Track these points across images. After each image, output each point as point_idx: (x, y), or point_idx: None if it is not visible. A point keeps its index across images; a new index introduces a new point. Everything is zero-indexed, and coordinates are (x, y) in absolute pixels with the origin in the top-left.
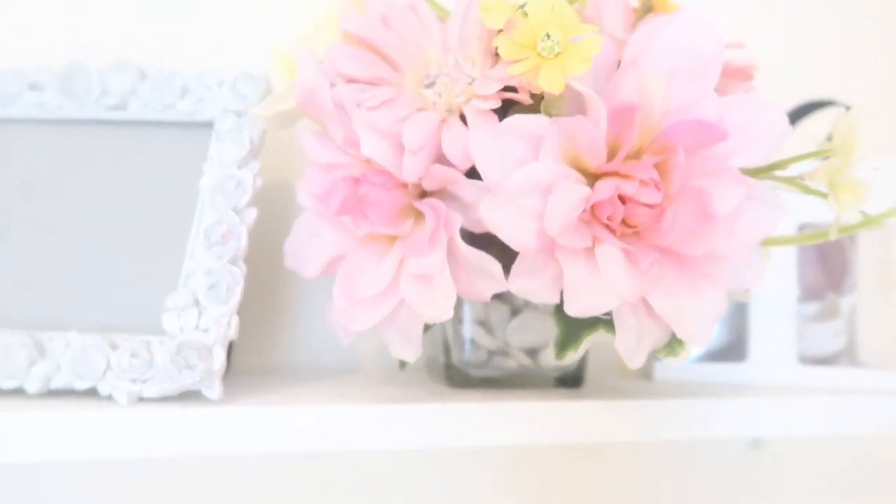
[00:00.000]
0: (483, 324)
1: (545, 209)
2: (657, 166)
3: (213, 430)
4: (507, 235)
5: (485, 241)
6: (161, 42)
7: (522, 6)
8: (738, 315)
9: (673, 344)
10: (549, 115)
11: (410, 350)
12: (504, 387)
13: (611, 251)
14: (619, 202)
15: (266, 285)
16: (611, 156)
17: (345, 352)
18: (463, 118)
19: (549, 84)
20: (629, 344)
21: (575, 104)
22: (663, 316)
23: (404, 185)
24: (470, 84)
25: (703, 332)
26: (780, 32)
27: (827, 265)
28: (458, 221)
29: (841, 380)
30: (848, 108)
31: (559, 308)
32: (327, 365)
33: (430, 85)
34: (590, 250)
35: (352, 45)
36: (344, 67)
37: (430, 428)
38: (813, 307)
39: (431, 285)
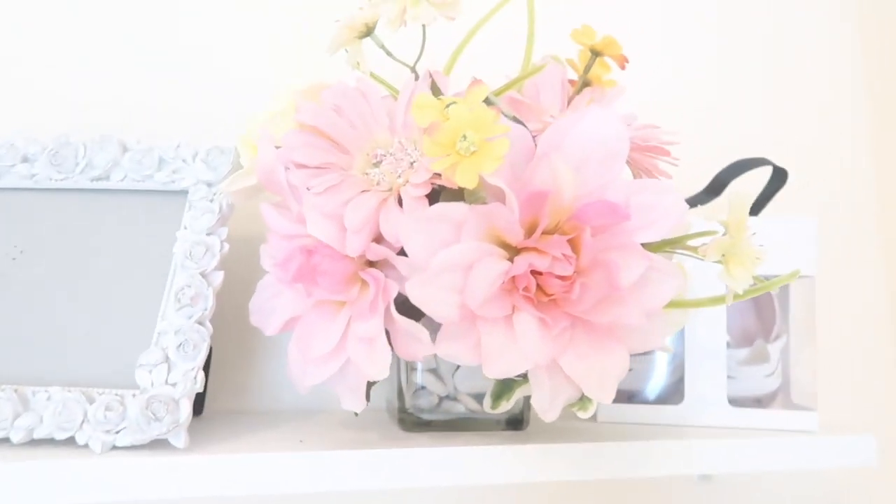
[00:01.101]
0: (433, 371)
1: (466, 284)
2: (571, 242)
3: (180, 476)
4: (432, 310)
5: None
6: (142, 116)
7: (448, 105)
8: (679, 361)
9: (584, 400)
10: (473, 201)
11: (357, 402)
12: (454, 429)
13: (526, 319)
14: (532, 275)
15: (238, 334)
16: (530, 232)
17: (310, 395)
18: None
19: (464, 180)
20: (543, 401)
21: (494, 190)
22: (573, 377)
23: (351, 257)
24: (412, 165)
25: (608, 389)
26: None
27: (759, 313)
28: (395, 290)
29: (767, 420)
30: (778, 168)
31: None
32: (294, 407)
33: (378, 164)
34: (508, 318)
35: (306, 132)
36: (295, 155)
37: (380, 471)
38: (744, 352)
39: (373, 346)
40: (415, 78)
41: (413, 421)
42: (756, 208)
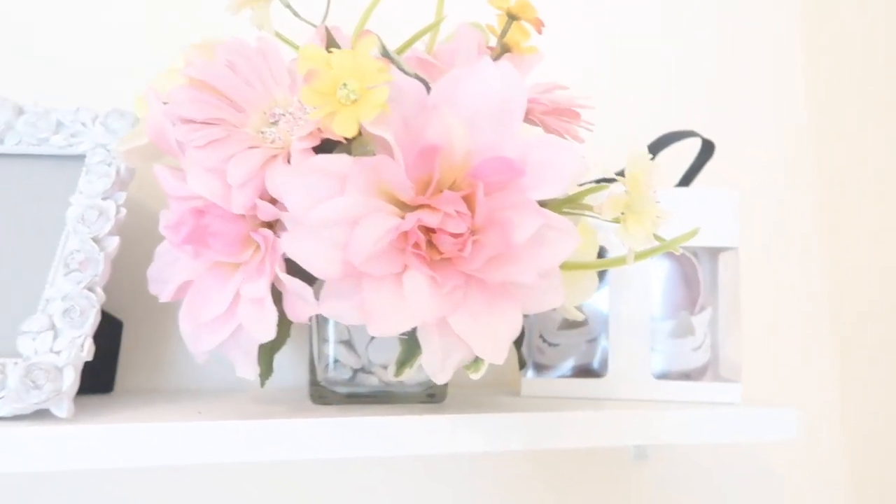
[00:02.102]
0: (346, 343)
1: (350, 240)
2: (468, 200)
3: (61, 447)
4: (311, 265)
5: None
6: (39, 80)
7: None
8: (605, 333)
9: (477, 360)
10: (359, 154)
11: (250, 368)
12: (369, 403)
13: (416, 276)
14: (421, 232)
15: (155, 311)
16: (426, 189)
17: (232, 372)
18: None
19: (343, 129)
20: (434, 362)
21: (384, 144)
22: (462, 336)
23: (244, 217)
24: None
25: (500, 349)
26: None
27: (685, 285)
28: (282, 249)
29: (691, 393)
30: (706, 140)
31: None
32: (215, 385)
33: (275, 123)
34: (398, 276)
35: (196, 87)
36: (181, 109)
37: (275, 442)
38: (669, 324)
39: (261, 308)
40: None
41: (325, 394)
42: (686, 180)
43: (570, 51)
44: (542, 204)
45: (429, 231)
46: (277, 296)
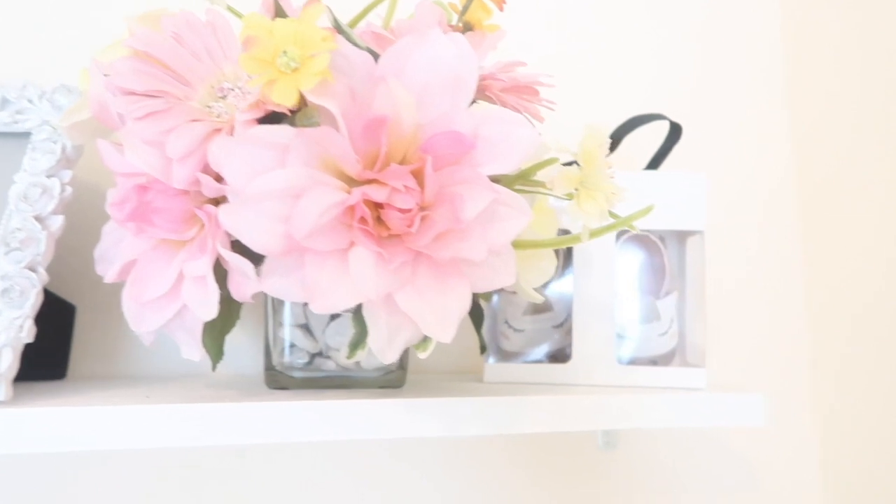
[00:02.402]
0: (303, 327)
1: (293, 214)
2: (418, 175)
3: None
4: (249, 239)
5: None
6: None
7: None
8: (571, 318)
9: (425, 339)
10: (304, 125)
11: (196, 350)
12: (326, 387)
13: (361, 252)
14: (369, 207)
15: (108, 296)
16: (374, 164)
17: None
18: None
19: (281, 97)
20: (380, 339)
21: (329, 116)
22: (408, 313)
23: (187, 193)
24: None
25: (447, 328)
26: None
27: (650, 269)
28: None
29: (655, 378)
30: (674, 123)
31: (358, 310)
32: (173, 371)
33: (224, 97)
34: (343, 251)
35: (139, 59)
36: (122, 81)
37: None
38: (634, 309)
39: (203, 286)
40: None
41: (281, 379)
42: (654, 164)
43: (539, 33)
44: (495, 180)
45: (378, 206)
46: (224, 275)
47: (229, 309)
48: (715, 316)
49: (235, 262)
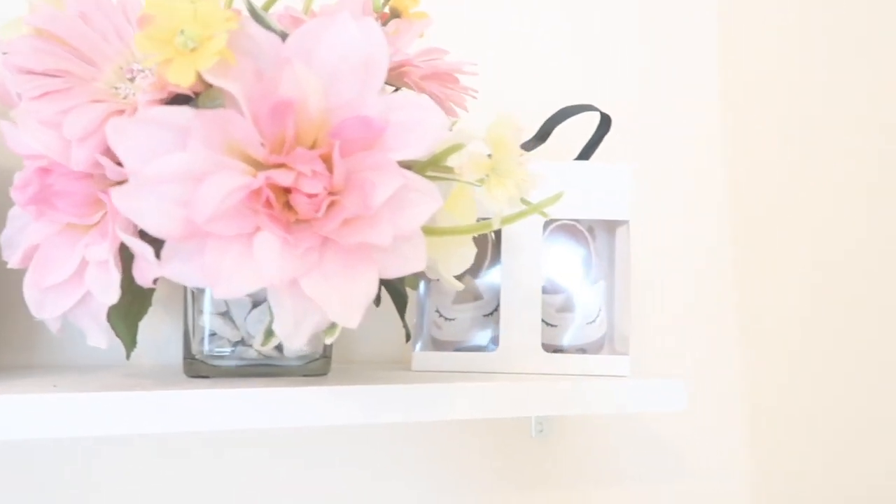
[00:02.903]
0: (224, 315)
1: (194, 198)
2: (327, 160)
3: None
4: (146, 223)
5: None
6: None
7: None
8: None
9: (333, 325)
10: (206, 107)
11: (103, 337)
12: (248, 376)
13: (266, 237)
14: (276, 192)
15: None
16: (282, 148)
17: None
18: None
19: (177, 77)
20: (286, 325)
21: (233, 99)
22: (314, 299)
23: (91, 177)
24: None
25: (353, 313)
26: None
27: (580, 260)
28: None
29: (580, 366)
30: (604, 115)
31: None
32: (96, 362)
33: (133, 79)
34: (248, 236)
35: (42, 38)
36: (20, 59)
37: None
38: (560, 298)
39: (105, 270)
40: None
41: (200, 368)
42: (584, 155)
43: (470, 23)
44: (406, 166)
45: (287, 192)
46: (131, 260)
47: (141, 295)
48: (646, 305)
49: (136, 246)
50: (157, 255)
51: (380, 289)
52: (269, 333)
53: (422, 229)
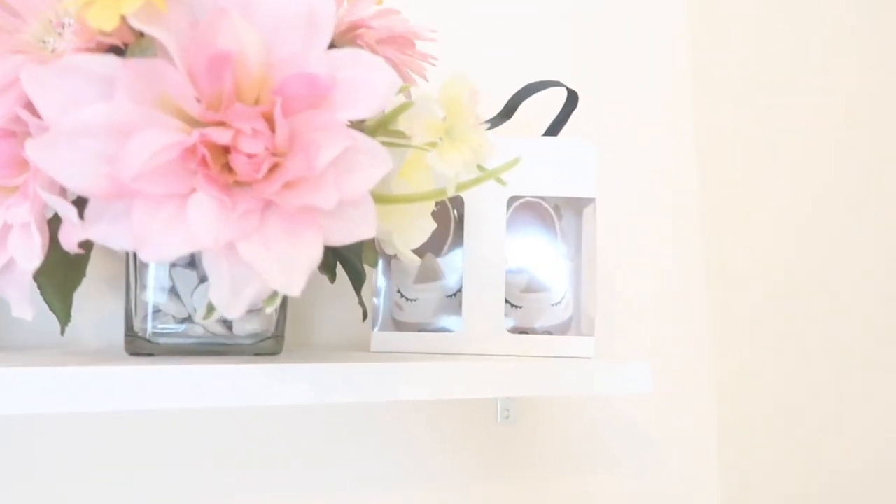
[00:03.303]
0: (169, 290)
1: (121, 153)
2: (270, 119)
3: None
4: (65, 178)
5: None
6: None
7: None
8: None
9: (275, 294)
10: (137, 57)
11: (28, 307)
12: (195, 355)
13: (201, 198)
14: (214, 151)
15: None
16: (219, 105)
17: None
18: None
19: (98, 20)
20: (222, 292)
21: (166, 50)
22: (252, 264)
23: (14, 135)
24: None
25: (294, 280)
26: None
27: (545, 239)
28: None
29: (544, 347)
30: (570, 90)
31: None
32: (37, 342)
33: (61, 34)
34: (182, 197)
35: None
36: None
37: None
38: (524, 278)
39: (27, 233)
40: None
41: (143, 346)
42: (552, 132)
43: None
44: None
45: (227, 152)
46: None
47: (74, 265)
48: (616, 287)
49: (58, 205)
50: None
51: (335, 265)
52: (213, 306)
53: (374, 197)
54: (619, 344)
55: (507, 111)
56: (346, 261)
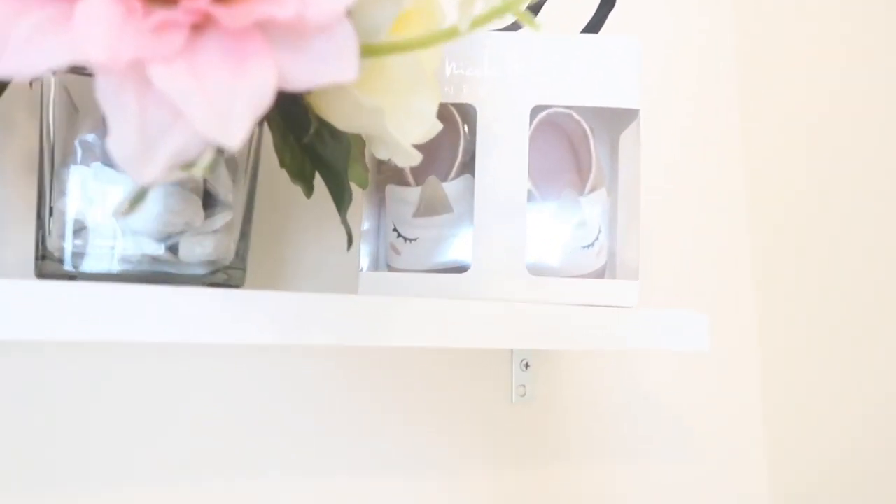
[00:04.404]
0: (96, 201)
1: None
2: None
3: None
4: None
5: None
6: None
7: None
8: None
9: (206, 151)
10: None
11: None
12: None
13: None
14: None
15: None
16: None
17: None
18: None
19: None
20: (128, 141)
21: None
22: (168, 93)
23: None
24: None
25: (231, 123)
26: None
27: (572, 156)
28: None
29: (576, 293)
30: None
31: None
32: None
33: None
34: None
35: None
36: None
37: None
38: (551, 206)
39: None
40: None
41: (56, 269)
42: (592, 30)
43: None
44: None
45: None
46: None
47: None
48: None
49: None
50: None
51: (313, 174)
52: (136, 199)
53: (359, 46)
54: (648, 293)
55: (533, 8)
56: (327, 168)
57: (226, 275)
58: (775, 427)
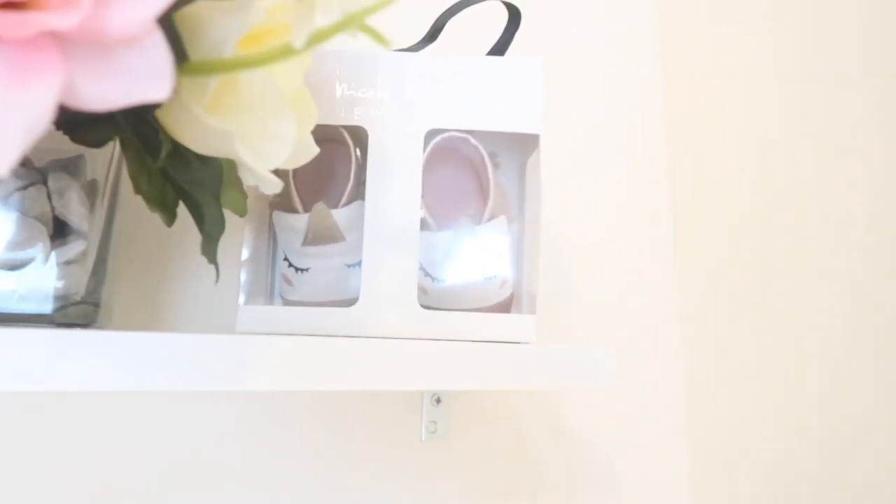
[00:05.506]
0: None
1: None
2: None
3: None
4: None
5: None
6: None
7: None
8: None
9: None
10: None
11: None
12: None
13: None
14: None
15: None
16: None
17: None
18: None
19: None
20: None
21: None
22: None
23: None
24: None
25: (3, 146)
26: None
27: (469, 183)
28: None
29: (471, 328)
30: (511, 6)
31: None
32: None
33: None
34: None
35: None
36: None
37: None
38: (446, 236)
39: None
40: None
41: None
42: (497, 53)
43: None
44: None
45: None
46: None
47: None
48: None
49: None
50: None
51: (176, 202)
52: None
53: (196, 66)
54: (566, 329)
55: (433, 33)
56: (185, 194)
57: (76, 311)
58: (700, 460)
